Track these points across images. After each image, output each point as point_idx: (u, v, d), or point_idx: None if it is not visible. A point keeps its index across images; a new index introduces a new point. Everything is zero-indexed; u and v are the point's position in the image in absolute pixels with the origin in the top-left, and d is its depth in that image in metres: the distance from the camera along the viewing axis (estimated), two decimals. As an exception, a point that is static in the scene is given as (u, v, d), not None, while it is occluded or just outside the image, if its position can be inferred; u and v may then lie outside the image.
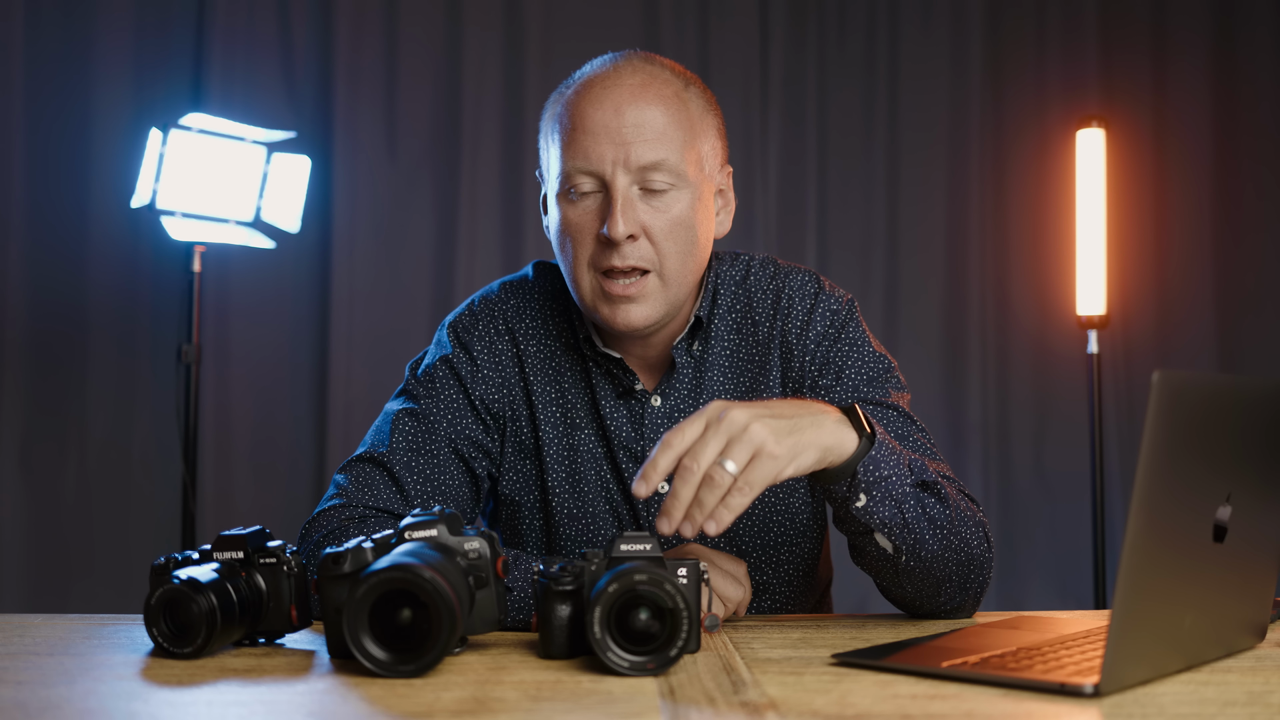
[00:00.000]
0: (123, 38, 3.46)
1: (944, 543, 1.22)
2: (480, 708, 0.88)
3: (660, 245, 1.35)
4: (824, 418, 1.14)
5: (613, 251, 1.33)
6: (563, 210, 1.37)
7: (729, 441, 1.07)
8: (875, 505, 1.18)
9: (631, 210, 1.33)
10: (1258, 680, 0.97)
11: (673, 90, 1.37)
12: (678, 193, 1.35)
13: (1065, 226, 3.33)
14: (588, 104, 1.35)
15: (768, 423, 1.08)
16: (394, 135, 3.61)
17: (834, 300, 1.48)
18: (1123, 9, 3.87)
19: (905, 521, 1.19)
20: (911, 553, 1.21)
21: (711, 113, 1.42)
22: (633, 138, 1.33)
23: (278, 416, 3.57)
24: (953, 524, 1.23)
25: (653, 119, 1.34)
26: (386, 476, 1.41)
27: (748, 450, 1.07)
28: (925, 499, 1.21)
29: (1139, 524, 0.88)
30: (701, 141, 1.39)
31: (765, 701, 0.90)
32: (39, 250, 3.42)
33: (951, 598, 1.28)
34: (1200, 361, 3.80)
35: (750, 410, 1.09)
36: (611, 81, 1.36)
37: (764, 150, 3.76)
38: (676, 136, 1.35)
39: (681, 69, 1.42)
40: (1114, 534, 3.41)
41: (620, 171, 1.33)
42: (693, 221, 1.36)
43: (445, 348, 1.49)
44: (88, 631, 1.19)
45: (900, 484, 1.18)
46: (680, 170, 1.35)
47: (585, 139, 1.34)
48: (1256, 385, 1.00)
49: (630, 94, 1.34)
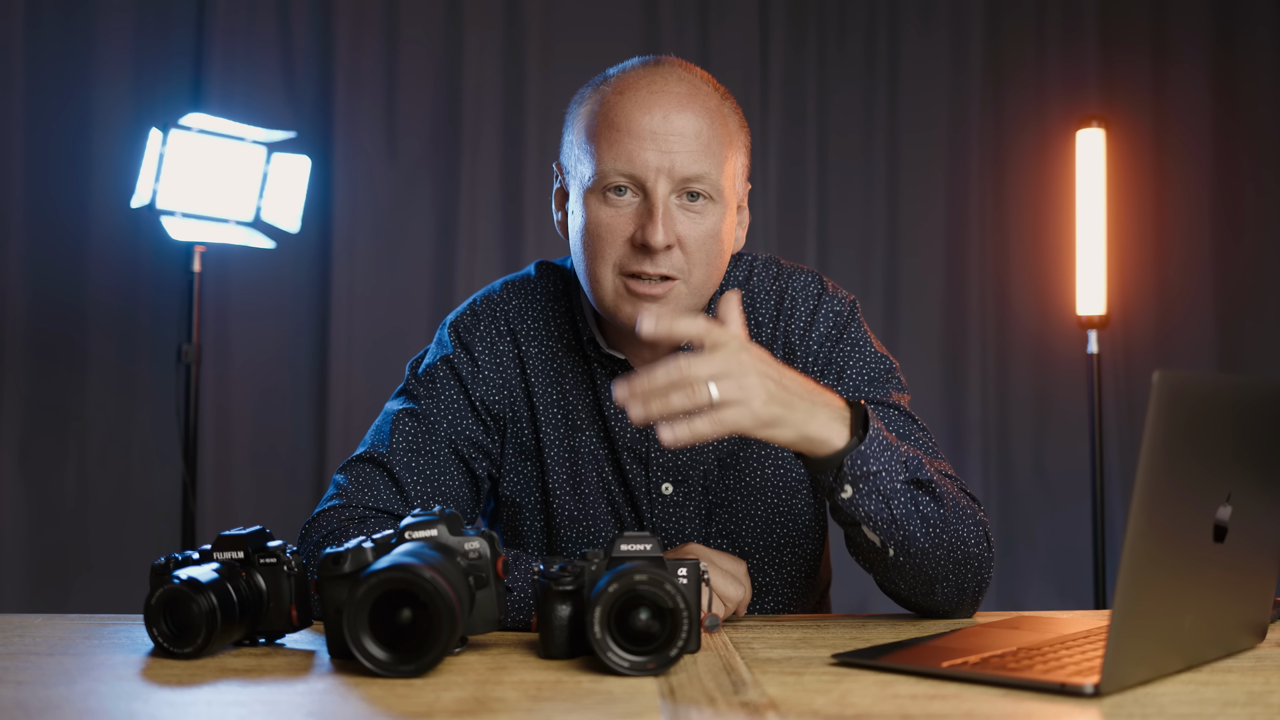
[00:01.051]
0: (123, 38, 3.46)
1: (935, 540, 1.22)
2: (480, 708, 0.88)
3: (692, 256, 1.34)
4: (821, 409, 1.16)
5: (646, 258, 1.32)
6: (593, 210, 1.35)
7: (726, 373, 1.09)
8: (861, 498, 1.18)
9: (671, 220, 1.32)
10: (1258, 680, 0.97)
11: (715, 103, 1.36)
12: (713, 206, 1.35)
13: (1065, 226, 3.33)
14: (633, 106, 1.33)
15: (767, 383, 1.12)
16: (394, 135, 3.61)
17: (836, 301, 1.48)
18: (1123, 9, 3.86)
19: (893, 517, 1.19)
20: (900, 548, 1.21)
21: (743, 130, 1.42)
22: (678, 147, 1.31)
23: (278, 417, 3.57)
24: (946, 522, 1.23)
25: (699, 130, 1.33)
26: (386, 477, 1.41)
27: (735, 391, 1.10)
28: (918, 496, 1.20)
29: (1139, 524, 0.88)
30: (736, 157, 1.38)
31: (765, 701, 0.90)
32: (39, 250, 3.42)
33: (948, 597, 1.28)
34: (1200, 361, 3.80)
35: (761, 364, 1.12)
36: (658, 86, 1.34)
37: (764, 150, 3.75)
38: (717, 150, 1.34)
39: (716, 82, 1.41)
40: (1114, 534, 3.41)
41: (663, 180, 1.32)
42: (721, 235, 1.36)
43: (446, 347, 1.49)
44: (88, 631, 1.19)
45: (890, 480, 1.18)
46: (718, 184, 1.34)
47: (629, 142, 1.32)
48: (1256, 385, 1.00)
49: (677, 102, 1.33)
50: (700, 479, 1.45)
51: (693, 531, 1.45)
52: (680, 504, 1.45)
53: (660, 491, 1.45)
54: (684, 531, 1.45)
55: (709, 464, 1.45)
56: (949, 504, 1.24)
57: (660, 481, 1.45)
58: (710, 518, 1.46)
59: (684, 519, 1.45)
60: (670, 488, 1.45)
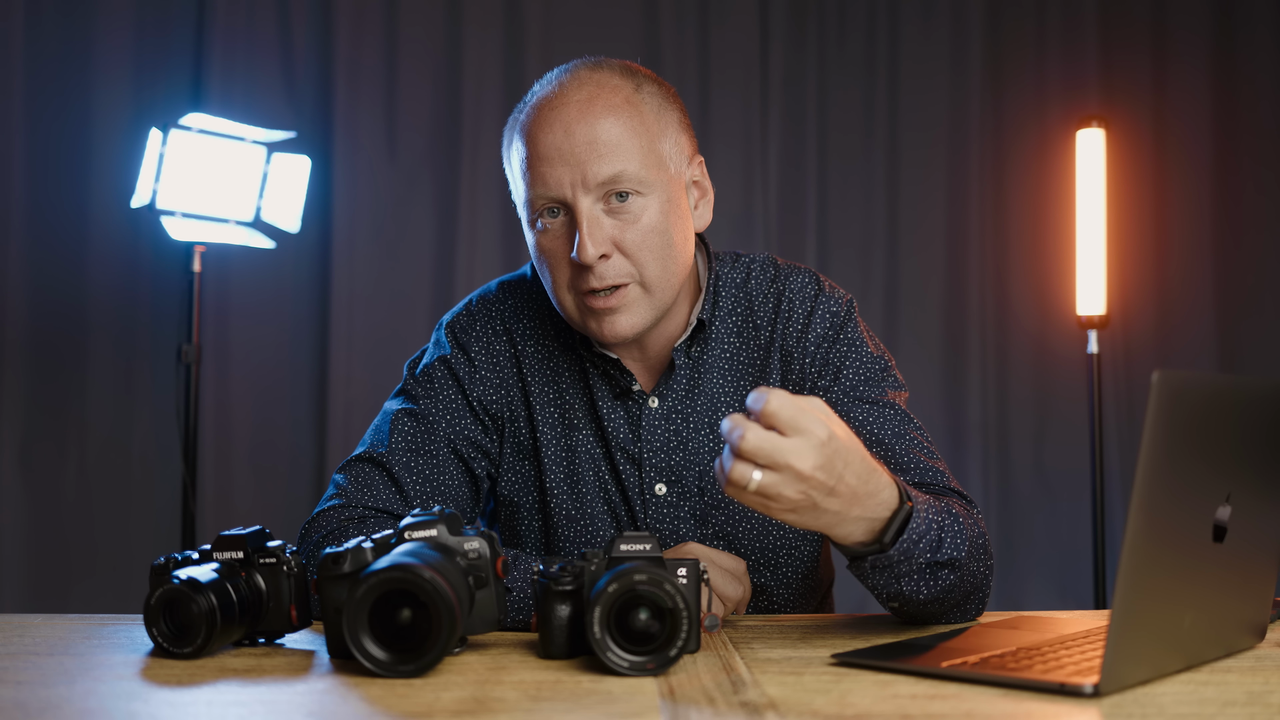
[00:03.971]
0: (123, 38, 3.46)
1: (943, 601, 1.21)
2: (480, 708, 0.88)
3: (635, 256, 1.33)
4: (854, 520, 1.08)
5: (588, 273, 1.32)
6: (535, 238, 1.37)
7: (777, 466, 1.01)
8: (873, 573, 1.16)
9: (598, 230, 1.31)
10: (1258, 680, 0.97)
11: (622, 97, 1.34)
12: (644, 200, 1.33)
13: (1065, 226, 3.33)
14: (537, 128, 1.33)
15: (810, 494, 1.03)
16: (394, 135, 3.61)
17: (833, 302, 1.48)
18: (1123, 9, 3.86)
19: (901, 591, 1.18)
20: (908, 606, 1.21)
21: (670, 107, 1.39)
22: (586, 156, 1.31)
23: (278, 416, 3.57)
24: (963, 579, 1.21)
25: (604, 132, 1.31)
26: (386, 477, 1.41)
27: (770, 487, 1.02)
28: (938, 573, 1.17)
29: (1139, 524, 0.88)
30: (661, 141, 1.36)
31: (765, 701, 0.90)
32: (39, 250, 3.42)
33: (950, 619, 1.27)
34: (1200, 361, 3.80)
35: (821, 468, 1.02)
36: (558, 101, 1.33)
37: (764, 150, 3.75)
38: (632, 144, 1.32)
39: (634, 67, 1.39)
40: (1114, 534, 3.41)
41: (580, 192, 1.31)
42: (665, 225, 1.35)
43: (443, 348, 1.49)
44: (88, 631, 1.19)
45: (909, 564, 1.15)
46: (642, 177, 1.33)
47: (541, 165, 1.32)
48: (1256, 385, 1.00)
49: (578, 111, 1.32)
50: (695, 481, 1.45)
51: (687, 532, 1.45)
52: (674, 504, 1.45)
53: (654, 492, 1.45)
54: (678, 532, 1.45)
55: (704, 466, 1.45)
56: (966, 567, 1.20)
57: (654, 482, 1.45)
58: (705, 519, 1.45)
59: (678, 519, 1.45)
60: (664, 488, 1.45)
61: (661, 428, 1.44)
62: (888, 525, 1.12)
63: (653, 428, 1.44)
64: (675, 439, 1.45)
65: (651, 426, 1.44)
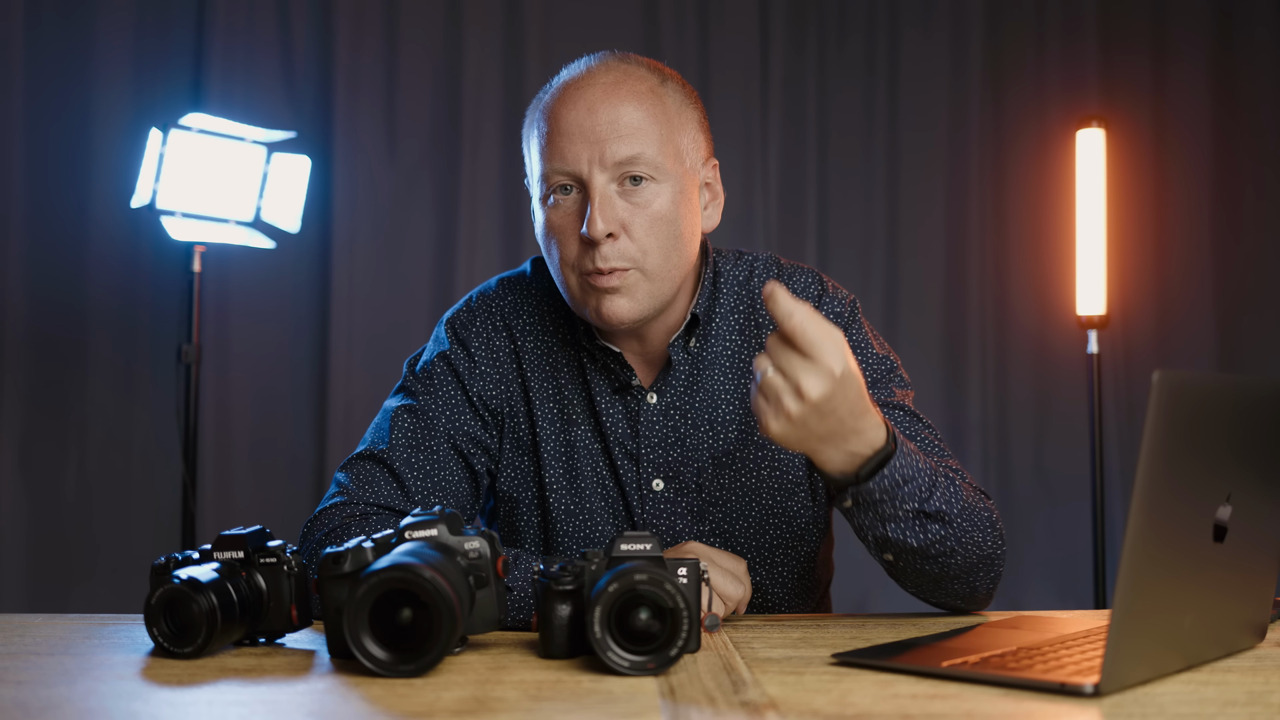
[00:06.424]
0: (123, 38, 3.46)
1: (939, 554, 1.24)
2: (480, 708, 0.88)
3: (641, 241, 1.34)
4: (841, 446, 1.15)
5: (594, 252, 1.33)
6: (545, 214, 1.38)
7: (789, 390, 1.09)
8: (860, 511, 1.20)
9: (610, 208, 1.33)
10: (1258, 680, 0.97)
11: (647, 86, 1.37)
12: (657, 186, 1.35)
13: (1065, 226, 3.33)
14: (562, 106, 1.35)
15: (806, 417, 1.10)
16: (394, 135, 3.61)
17: (837, 302, 1.48)
18: (1123, 9, 3.86)
19: (888, 537, 1.22)
20: (898, 557, 1.24)
21: (691, 106, 1.41)
22: (607, 135, 1.32)
23: (278, 416, 3.57)
24: (958, 539, 1.24)
25: (627, 115, 1.34)
26: (387, 473, 1.41)
27: (779, 393, 1.09)
28: (926, 524, 1.22)
29: (1139, 524, 0.88)
30: (680, 135, 1.38)
31: (765, 701, 0.90)
32: (39, 250, 3.42)
33: (958, 593, 1.30)
34: (1200, 361, 3.80)
35: (826, 399, 1.09)
36: (585, 82, 1.36)
37: (764, 150, 3.75)
38: (652, 130, 1.34)
39: (659, 65, 1.42)
40: (1114, 534, 3.41)
41: (596, 170, 1.33)
42: (675, 216, 1.36)
43: (443, 344, 1.49)
44: (88, 631, 1.18)
45: (894, 507, 1.19)
46: (658, 163, 1.34)
47: (561, 140, 1.34)
48: (1256, 385, 1.00)
49: (603, 92, 1.34)
50: (693, 477, 1.45)
51: (685, 529, 1.45)
52: (672, 500, 1.45)
53: (651, 488, 1.45)
54: (675, 528, 1.45)
55: (703, 462, 1.45)
56: (957, 524, 1.24)
57: (651, 478, 1.45)
58: (703, 516, 1.45)
59: (675, 516, 1.45)
60: (661, 484, 1.45)
61: (660, 424, 1.44)
62: (868, 460, 1.16)
63: (651, 423, 1.44)
64: (673, 435, 1.45)
65: (650, 422, 1.44)
